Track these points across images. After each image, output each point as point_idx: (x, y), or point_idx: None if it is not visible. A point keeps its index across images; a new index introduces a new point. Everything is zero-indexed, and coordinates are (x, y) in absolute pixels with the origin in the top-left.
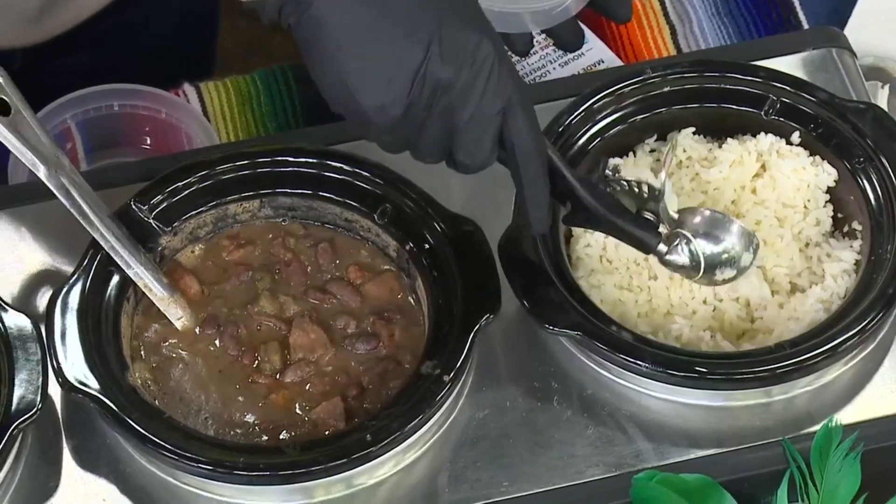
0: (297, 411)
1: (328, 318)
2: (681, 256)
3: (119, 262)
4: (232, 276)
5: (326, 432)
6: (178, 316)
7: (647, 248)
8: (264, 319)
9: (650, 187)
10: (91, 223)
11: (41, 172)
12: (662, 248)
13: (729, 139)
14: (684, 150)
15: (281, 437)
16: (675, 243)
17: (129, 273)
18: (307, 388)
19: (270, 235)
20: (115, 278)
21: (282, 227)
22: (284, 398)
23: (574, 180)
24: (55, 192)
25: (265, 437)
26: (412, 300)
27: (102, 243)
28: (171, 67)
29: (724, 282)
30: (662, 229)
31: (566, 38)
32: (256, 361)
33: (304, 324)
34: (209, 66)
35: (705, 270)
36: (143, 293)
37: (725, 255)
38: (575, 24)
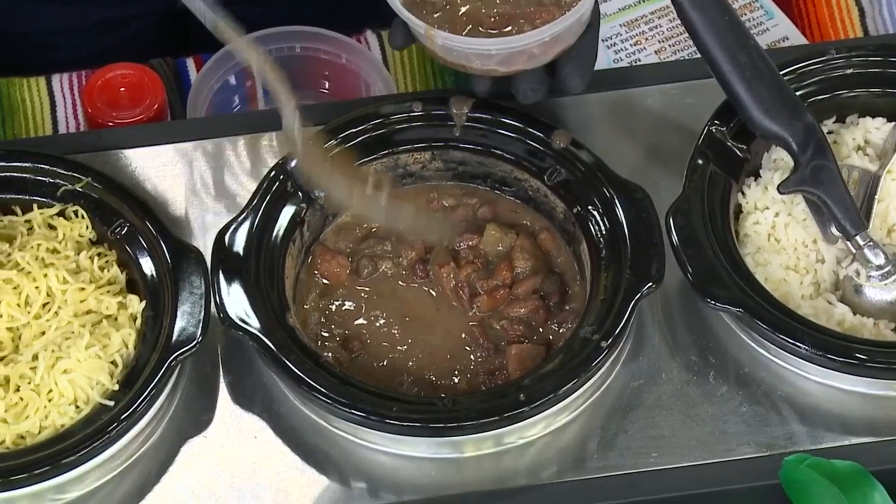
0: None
1: None
2: (878, 256)
3: None
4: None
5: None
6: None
7: (848, 231)
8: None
9: (863, 173)
10: None
11: None
12: (864, 237)
13: None
14: (865, 137)
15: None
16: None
17: None
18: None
19: (425, 199)
20: (283, 219)
21: (437, 190)
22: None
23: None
24: None
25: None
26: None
27: None
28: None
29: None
30: None
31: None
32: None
33: (494, 225)
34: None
35: (886, 276)
36: (310, 235)
37: None
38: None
